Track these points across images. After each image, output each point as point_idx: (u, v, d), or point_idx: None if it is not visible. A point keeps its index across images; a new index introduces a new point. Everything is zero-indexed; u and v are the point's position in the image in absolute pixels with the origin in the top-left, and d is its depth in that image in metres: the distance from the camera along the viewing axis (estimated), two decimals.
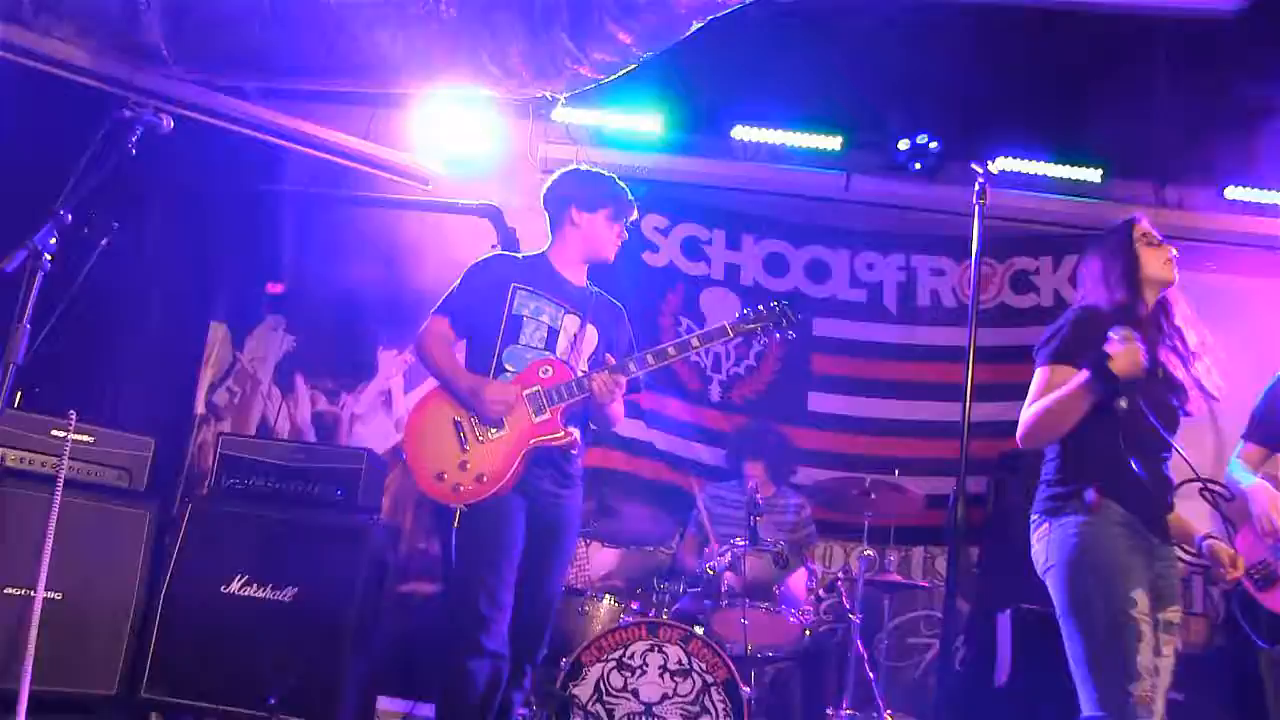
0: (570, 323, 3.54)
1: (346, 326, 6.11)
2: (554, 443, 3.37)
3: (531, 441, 3.36)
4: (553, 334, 3.48)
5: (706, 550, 5.04)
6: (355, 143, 6.02)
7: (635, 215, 3.66)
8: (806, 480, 5.73)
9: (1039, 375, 3.00)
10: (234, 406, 6.15)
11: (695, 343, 3.46)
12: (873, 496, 4.98)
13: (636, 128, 6.12)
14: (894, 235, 6.48)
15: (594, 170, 3.74)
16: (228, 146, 5.63)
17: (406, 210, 6.12)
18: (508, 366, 3.43)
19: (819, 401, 6.28)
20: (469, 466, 3.32)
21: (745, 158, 6.40)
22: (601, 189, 3.64)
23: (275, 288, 6.17)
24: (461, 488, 3.29)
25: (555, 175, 3.76)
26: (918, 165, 6.03)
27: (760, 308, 3.54)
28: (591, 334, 3.59)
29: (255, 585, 4.43)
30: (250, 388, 6.17)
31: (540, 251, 3.68)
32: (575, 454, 3.47)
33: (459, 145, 6.03)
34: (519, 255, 3.77)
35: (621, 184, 3.68)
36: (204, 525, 4.52)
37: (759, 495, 4.80)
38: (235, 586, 4.43)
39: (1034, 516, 3.00)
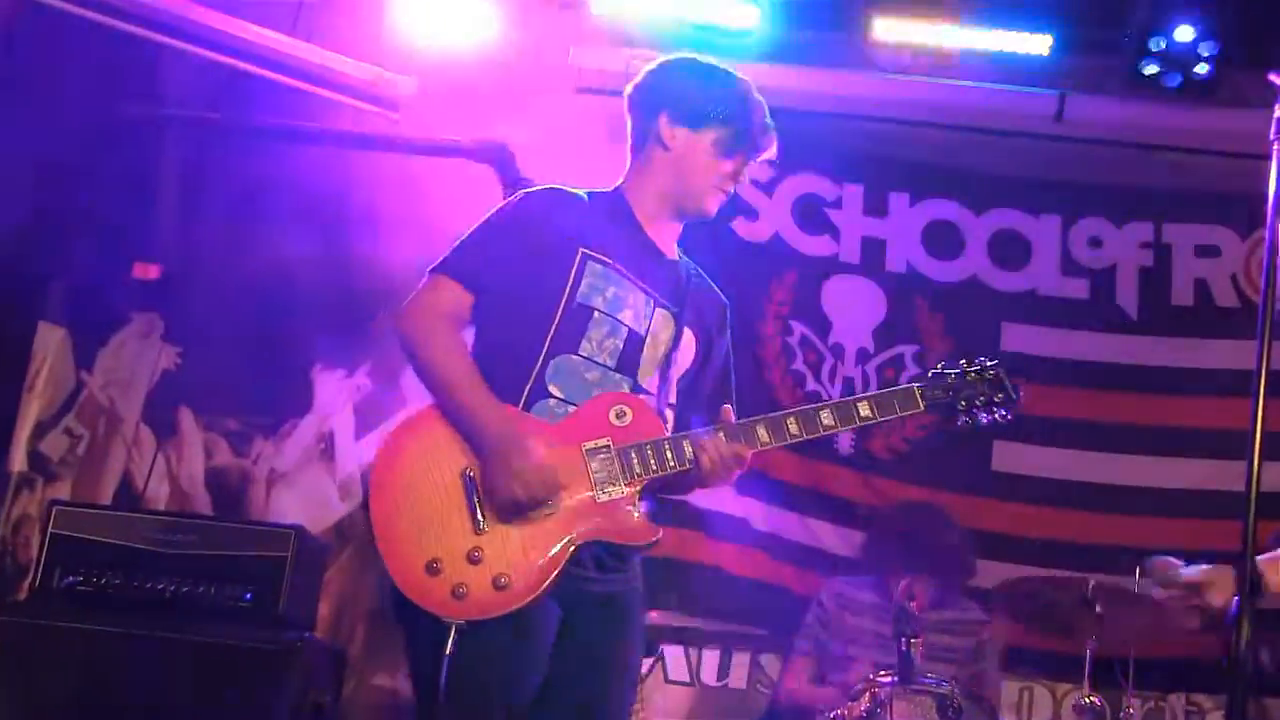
0: (660, 324, 3.48)
1: (264, 334, 6.12)
2: (626, 541, 3.30)
3: (587, 533, 3.26)
4: (634, 342, 3.42)
5: (829, 687, 5.14)
6: (279, 42, 5.97)
7: (769, 154, 3.60)
8: (988, 580, 5.69)
9: None
10: (77, 459, 6.14)
11: (865, 412, 3.40)
12: (1099, 610, 4.87)
13: (721, 22, 6.19)
14: (1136, 192, 6.54)
15: (712, 63, 3.67)
16: (72, 44, 5.67)
17: (361, 151, 6.18)
18: (554, 392, 3.33)
19: (1010, 456, 6.30)
20: (483, 559, 3.18)
21: (893, 69, 6.39)
22: (714, 91, 3.54)
23: (147, 270, 6.16)
24: (467, 593, 3.15)
25: (652, 65, 3.67)
26: (1177, 80, 6.00)
27: (964, 367, 3.48)
28: (689, 345, 3.56)
29: None
30: (105, 429, 6.15)
31: (614, 187, 3.60)
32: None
33: (444, 49, 6.10)
34: (581, 193, 3.61)
35: (755, 93, 3.60)
36: (20, 650, 4.48)
37: (914, 603, 4.77)
38: None
39: None
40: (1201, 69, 5.96)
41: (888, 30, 6.12)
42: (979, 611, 5.47)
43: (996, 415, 3.46)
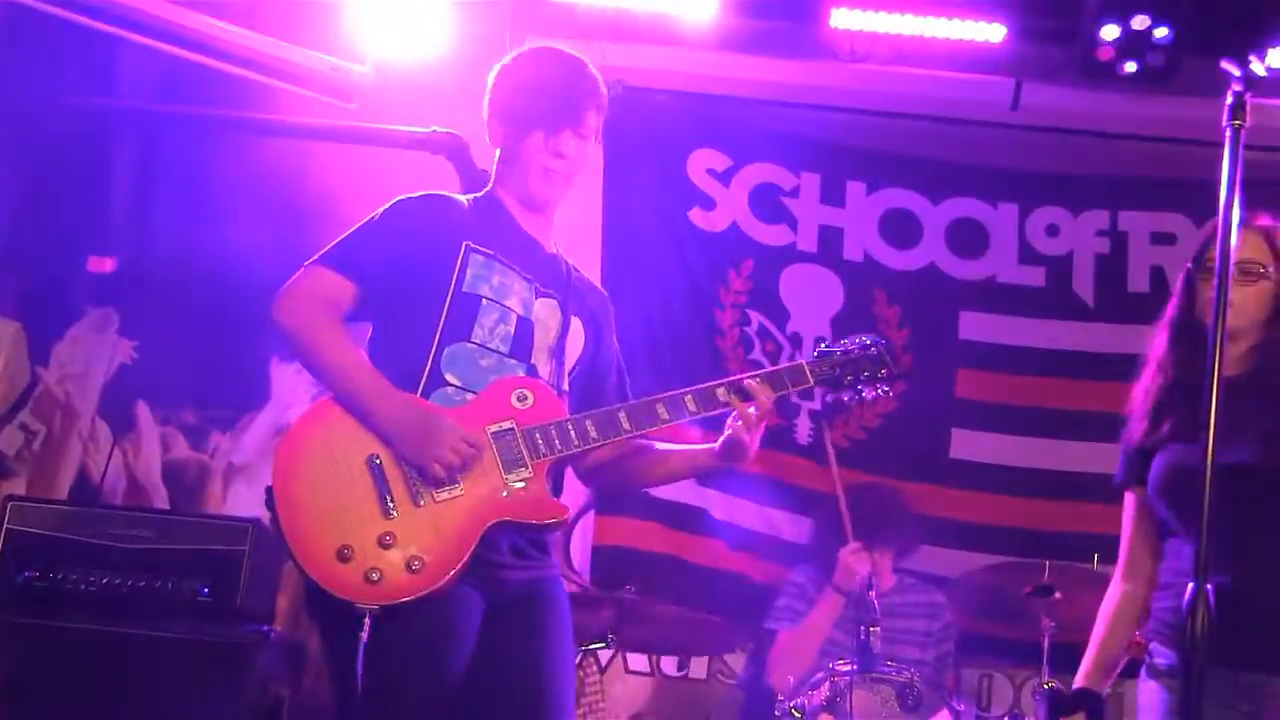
0: (546, 311, 3.53)
1: (220, 326, 6.04)
2: (534, 520, 3.33)
3: (498, 516, 3.27)
4: (524, 328, 3.46)
5: (790, 678, 5.11)
6: (233, 32, 5.93)
7: (584, 121, 3.54)
8: (946, 569, 5.81)
9: None
10: (32, 454, 6.06)
11: (737, 393, 3.46)
12: (1057, 596, 4.99)
13: (679, 12, 6.19)
14: (1092, 180, 6.55)
15: (517, 58, 3.69)
16: (23, 34, 5.61)
17: (317, 141, 6.09)
18: (450, 380, 3.36)
19: (968, 444, 6.36)
20: (395, 543, 3.19)
21: (850, 57, 6.42)
22: (516, 87, 3.57)
23: (102, 263, 6.15)
24: (380, 577, 3.14)
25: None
26: (1130, 66, 5.96)
27: (847, 345, 3.65)
28: (577, 332, 3.60)
29: None
30: (61, 424, 6.09)
31: (484, 191, 3.66)
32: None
33: (399, 40, 6.08)
34: (459, 197, 3.70)
35: (559, 69, 3.61)
36: None
37: (874, 592, 4.83)
38: None
39: None
40: (1156, 57, 5.91)
41: (844, 19, 6.12)
42: (940, 594, 5.51)
43: (879, 390, 3.62)
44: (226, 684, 4.42)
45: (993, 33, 6.12)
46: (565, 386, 3.52)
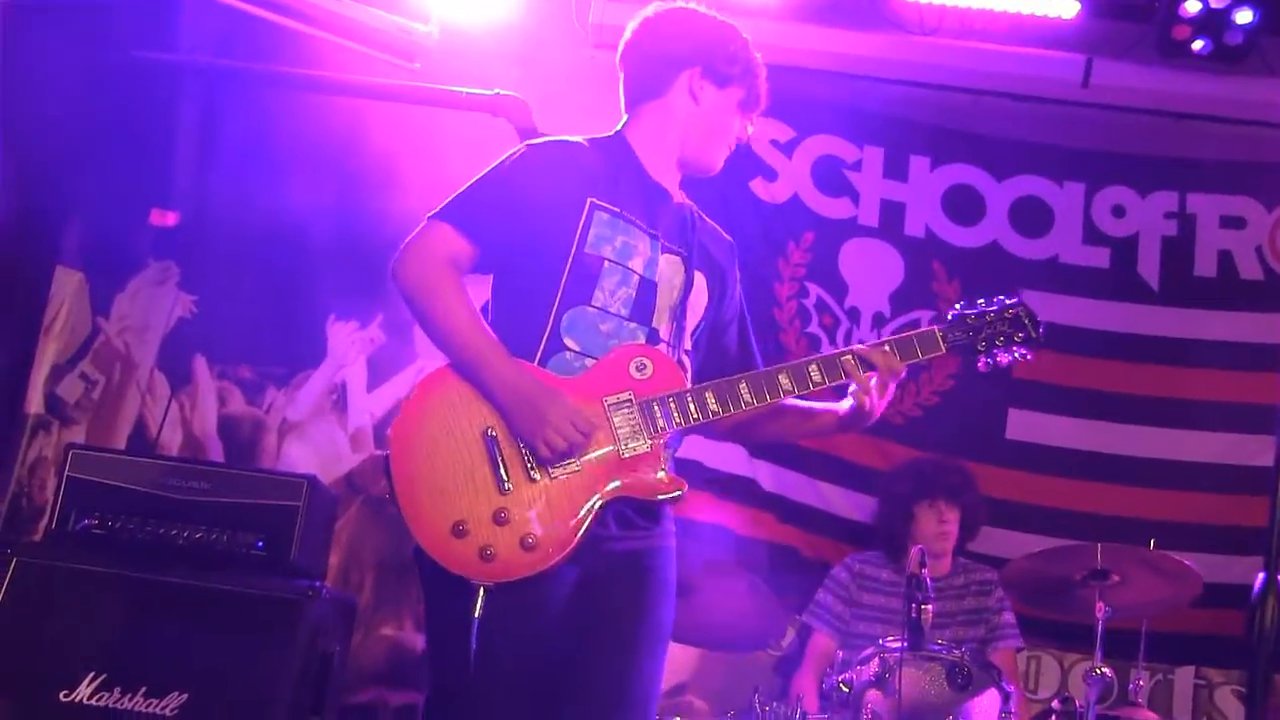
0: (670, 269, 3.43)
1: (278, 284, 6.15)
2: (651, 496, 3.26)
3: (616, 493, 3.22)
4: (646, 290, 3.37)
5: (839, 655, 5.11)
6: None
7: (759, 112, 3.63)
8: (1000, 549, 5.79)
9: None
10: (92, 404, 6.16)
11: (863, 362, 3.37)
12: (1113, 580, 4.93)
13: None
14: (1161, 161, 6.50)
15: (724, 19, 3.63)
16: None
17: (379, 102, 6.07)
18: (569, 345, 3.29)
19: (1025, 425, 6.33)
20: (509, 519, 3.15)
21: (919, 30, 6.40)
22: (736, 50, 3.54)
23: (164, 217, 6.11)
24: (494, 553, 3.12)
25: (657, 7, 3.64)
26: (1207, 46, 5.95)
27: (983, 306, 3.50)
28: (701, 289, 3.51)
29: (116, 691, 4.36)
30: (120, 374, 6.17)
31: (612, 133, 3.57)
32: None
33: (463, 2, 6.08)
34: (581, 140, 3.55)
35: (756, 56, 3.62)
36: (35, 590, 4.47)
37: (926, 570, 4.71)
38: (83, 692, 4.36)
39: None
40: (1234, 36, 5.87)
41: None
42: (991, 571, 5.52)
43: (1016, 355, 3.46)
44: (278, 638, 4.40)
45: (1065, 8, 6.09)
46: (688, 346, 3.47)
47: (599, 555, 3.25)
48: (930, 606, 4.63)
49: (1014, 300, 3.49)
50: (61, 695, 4.33)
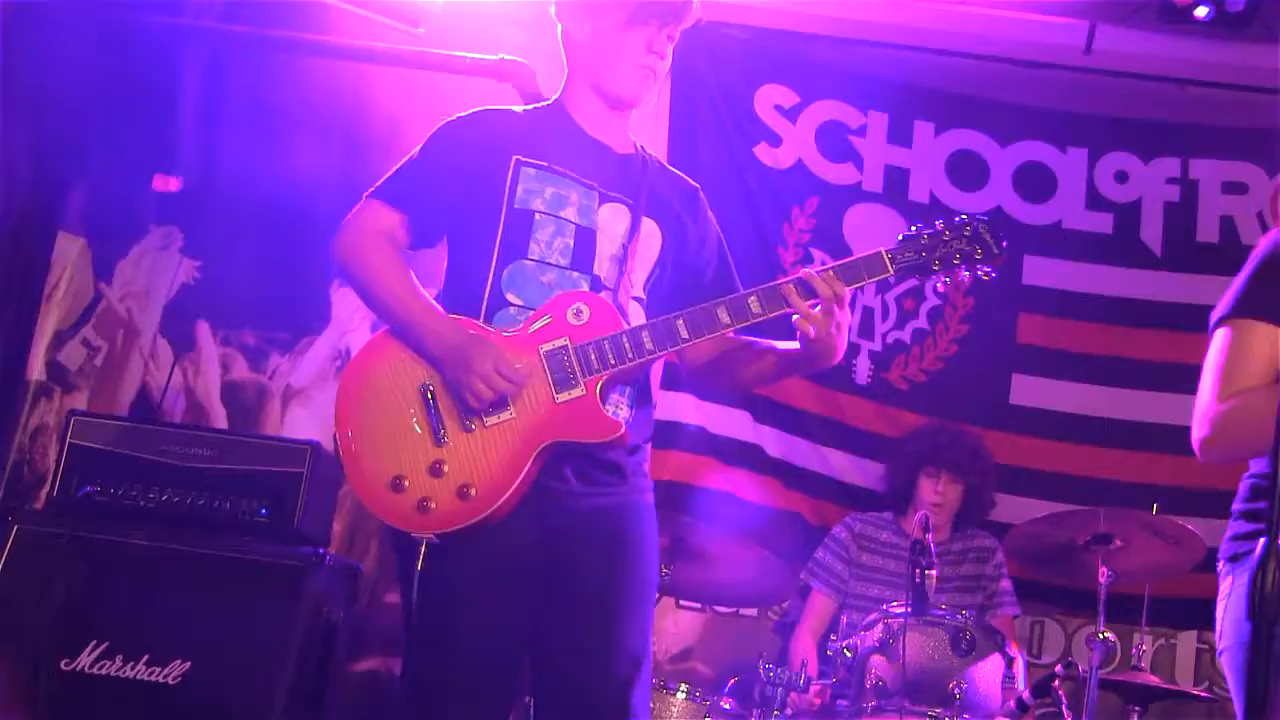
0: (612, 216, 3.41)
1: (282, 249, 6.10)
2: (588, 439, 3.23)
3: (550, 438, 3.21)
4: (585, 238, 3.36)
5: (843, 619, 5.25)
6: None
7: (676, 22, 3.42)
8: (1005, 514, 5.82)
9: (1218, 340, 2.99)
10: (95, 370, 6.18)
11: (805, 289, 3.19)
12: (1116, 545, 4.94)
13: None
14: (1164, 127, 6.52)
15: None
16: None
17: (383, 67, 6.07)
18: (511, 299, 3.30)
19: (1028, 390, 6.36)
20: (446, 471, 3.19)
21: None
22: None
23: (167, 183, 6.14)
24: (433, 505, 3.16)
25: None
26: (1209, 12, 5.89)
27: (940, 226, 3.30)
28: (651, 232, 3.46)
29: (119, 659, 4.39)
30: (123, 341, 6.18)
31: (551, 100, 3.58)
32: (630, 442, 3.35)
33: None
34: (517, 109, 3.64)
35: None
36: (36, 558, 4.49)
37: (930, 535, 4.76)
38: (86, 660, 4.38)
39: (1218, 566, 3.05)
40: (1236, 2, 5.79)
41: None
42: (989, 538, 5.55)
43: (979, 272, 3.30)
44: (282, 604, 4.43)
45: None
46: (639, 293, 3.43)
47: (560, 512, 3.25)
48: (934, 572, 4.67)
49: (972, 216, 3.32)
50: (63, 663, 4.35)
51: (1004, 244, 3.28)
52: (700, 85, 6.26)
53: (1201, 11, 5.88)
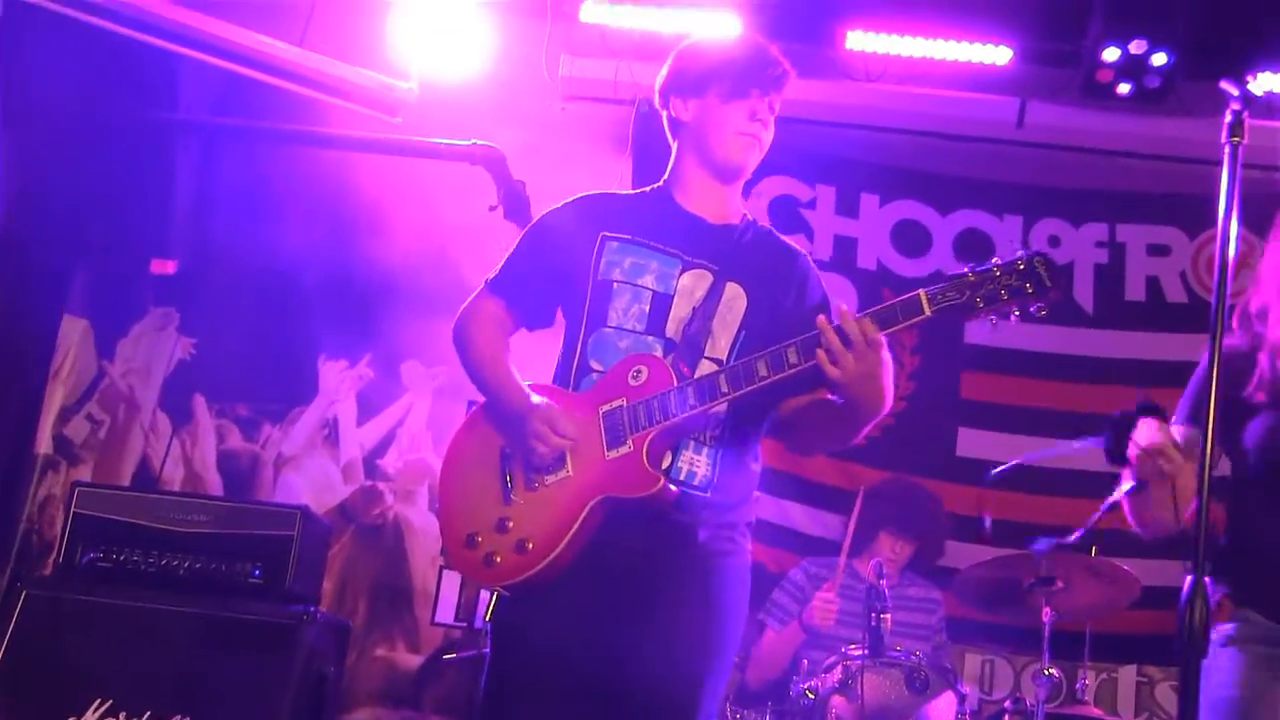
0: (693, 282, 3.33)
1: (272, 326, 6.18)
2: (633, 494, 3.13)
3: (601, 493, 3.16)
4: (660, 303, 3.29)
5: (804, 661, 5.12)
6: (288, 52, 5.88)
7: (777, 90, 3.40)
8: (953, 560, 5.77)
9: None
10: (98, 443, 6.16)
11: (852, 328, 2.96)
12: (1058, 586, 4.94)
13: (702, 33, 5.95)
14: (1092, 195, 6.49)
15: (703, 39, 3.70)
16: (92, 52, 5.59)
17: (364, 153, 6.16)
18: (594, 366, 3.30)
19: (974, 443, 6.29)
20: (511, 526, 3.20)
21: (865, 77, 6.36)
22: (701, 58, 3.48)
23: (164, 266, 6.20)
24: (497, 559, 3.17)
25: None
26: (1127, 88, 5.91)
27: (993, 263, 3.03)
28: (735, 297, 3.33)
29: (122, 715, 4.36)
30: (124, 415, 6.17)
31: (658, 184, 3.55)
32: (704, 494, 3.21)
33: (441, 59, 6.05)
34: (622, 192, 3.65)
35: (751, 41, 3.57)
36: (45, 622, 4.48)
37: (884, 581, 4.78)
38: (91, 718, 4.36)
39: None
40: (1153, 79, 5.83)
41: (859, 41, 6.07)
42: (936, 591, 5.52)
43: (1032, 308, 3.01)
44: (275, 660, 4.41)
45: (999, 55, 6.06)
46: (718, 354, 3.29)
47: (620, 564, 3.15)
48: (889, 615, 4.69)
49: (1026, 252, 3.03)
50: None
51: (1058, 279, 3.00)
52: (660, 164, 6.22)
53: (1124, 88, 5.89)
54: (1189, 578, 2.52)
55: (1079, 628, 5.30)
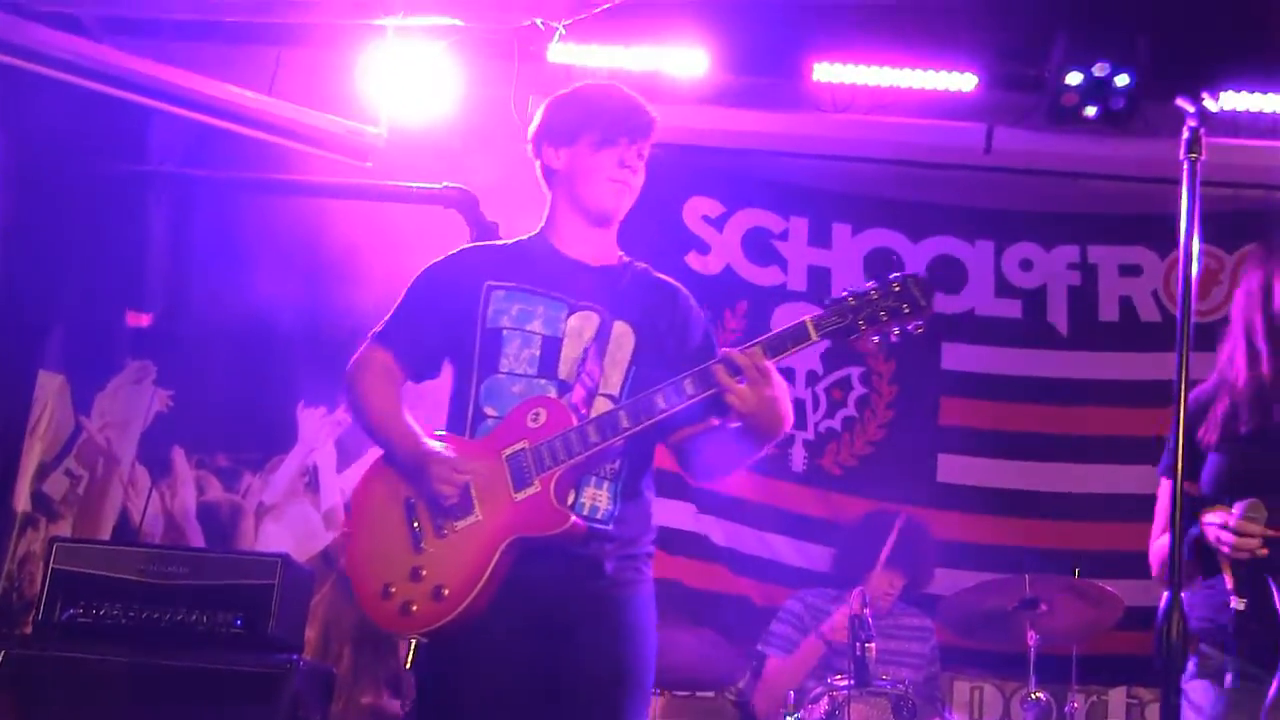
0: (580, 323, 3.40)
1: (249, 375, 6.15)
2: (545, 533, 3.19)
3: (512, 534, 3.20)
4: (550, 347, 3.36)
5: (789, 694, 5.12)
6: (257, 101, 5.92)
7: (644, 138, 3.48)
8: (937, 587, 5.75)
9: (1160, 490, 3.41)
10: (77, 498, 6.15)
11: (732, 367, 3.11)
12: (1042, 609, 4.94)
13: (671, 70, 6.15)
14: (1062, 217, 6.52)
15: (573, 89, 3.67)
16: (65, 107, 5.57)
17: (336, 199, 6.18)
18: (489, 412, 3.33)
19: (953, 468, 6.33)
20: (424, 575, 3.20)
21: (832, 108, 6.38)
22: (571, 108, 3.54)
23: (139, 319, 6.20)
24: (414, 608, 3.17)
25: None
26: (1092, 110, 5.92)
27: (868, 286, 3.14)
28: (624, 335, 3.42)
29: None
30: (103, 469, 6.16)
31: (534, 232, 3.62)
32: (607, 527, 3.28)
33: (410, 103, 6.04)
34: (500, 242, 3.74)
35: (618, 92, 3.57)
36: (24, 680, 4.44)
37: (868, 610, 4.77)
38: None
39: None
40: (1118, 101, 5.86)
41: (826, 73, 6.09)
42: (929, 619, 5.48)
43: (910, 327, 3.11)
44: (259, 710, 4.39)
45: (965, 82, 6.09)
46: (611, 390, 3.38)
47: (534, 602, 3.20)
48: (874, 644, 4.67)
49: (897, 275, 3.11)
50: None
51: (932, 298, 3.11)
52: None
53: (1089, 111, 5.90)
54: (1165, 594, 2.58)
55: (1065, 650, 5.26)
